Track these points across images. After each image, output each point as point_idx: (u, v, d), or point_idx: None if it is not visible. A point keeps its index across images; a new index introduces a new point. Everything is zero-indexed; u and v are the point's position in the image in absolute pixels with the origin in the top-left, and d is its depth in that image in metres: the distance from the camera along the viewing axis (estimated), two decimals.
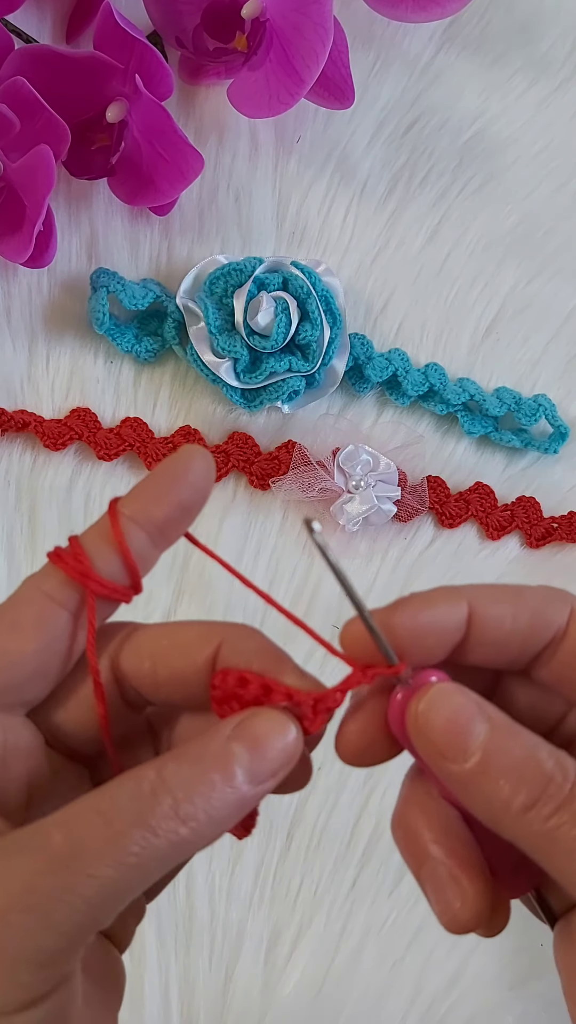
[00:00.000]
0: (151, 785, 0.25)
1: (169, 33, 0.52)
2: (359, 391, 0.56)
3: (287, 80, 0.49)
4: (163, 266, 0.55)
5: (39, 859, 0.24)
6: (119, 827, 0.25)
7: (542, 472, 0.58)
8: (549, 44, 0.59)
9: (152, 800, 0.25)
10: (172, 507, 0.28)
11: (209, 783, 0.25)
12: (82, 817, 0.25)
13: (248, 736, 0.26)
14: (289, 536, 0.55)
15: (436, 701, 0.27)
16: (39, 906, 0.24)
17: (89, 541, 0.28)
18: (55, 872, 0.24)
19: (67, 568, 0.28)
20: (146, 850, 0.25)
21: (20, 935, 0.24)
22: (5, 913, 0.24)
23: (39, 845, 0.25)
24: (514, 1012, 0.54)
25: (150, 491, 0.28)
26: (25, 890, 0.24)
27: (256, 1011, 0.52)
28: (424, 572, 0.56)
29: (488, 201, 0.58)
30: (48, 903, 0.24)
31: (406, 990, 0.54)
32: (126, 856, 0.24)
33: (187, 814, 0.25)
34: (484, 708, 0.27)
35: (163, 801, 0.25)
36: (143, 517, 0.28)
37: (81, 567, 0.28)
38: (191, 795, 0.25)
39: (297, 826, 0.54)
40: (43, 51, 0.48)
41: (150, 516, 0.28)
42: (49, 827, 0.25)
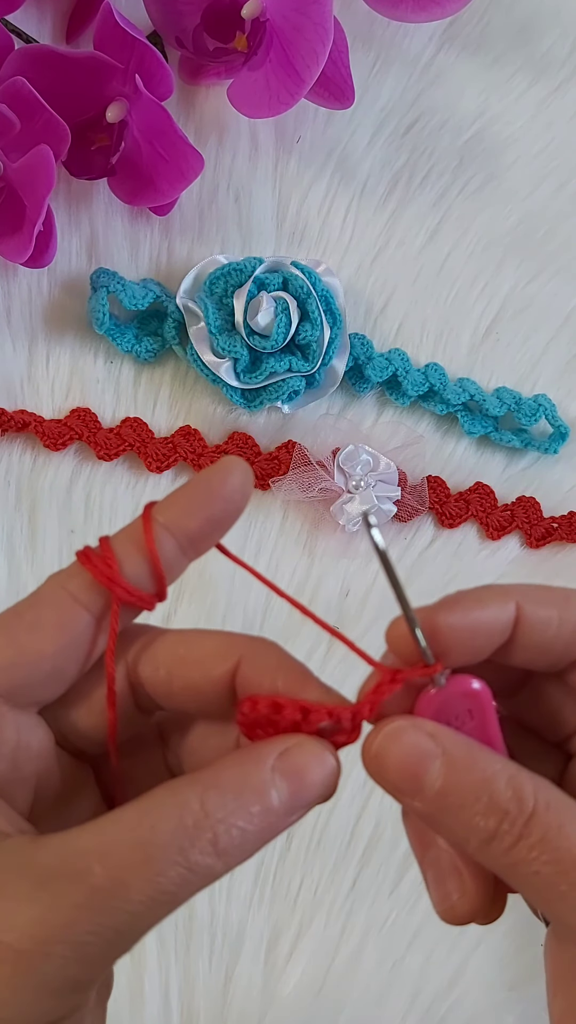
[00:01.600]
0: (194, 818, 0.25)
1: (169, 33, 0.52)
2: (359, 391, 0.56)
3: (287, 80, 0.49)
4: (163, 266, 0.55)
5: (80, 892, 0.24)
6: (158, 862, 0.24)
7: (542, 472, 0.58)
8: (549, 44, 0.59)
9: (194, 834, 0.25)
10: (206, 519, 0.28)
11: (248, 816, 0.25)
12: (123, 849, 0.25)
13: (291, 769, 0.26)
14: (289, 536, 0.55)
15: (388, 742, 0.27)
16: (76, 940, 0.24)
17: (119, 544, 0.28)
18: (94, 907, 0.24)
19: (95, 571, 0.28)
20: (181, 884, 0.25)
21: (56, 966, 0.24)
22: (46, 944, 0.24)
23: (80, 877, 0.24)
24: (514, 1012, 0.54)
25: (186, 500, 0.28)
26: (66, 923, 0.24)
27: (256, 1011, 0.52)
28: (424, 572, 0.56)
29: (488, 201, 0.58)
30: (85, 937, 0.24)
31: (406, 990, 0.54)
32: (162, 892, 0.24)
33: (224, 849, 0.25)
34: (440, 740, 0.27)
35: (204, 836, 0.25)
36: (176, 526, 0.28)
37: (109, 571, 0.27)
38: (231, 829, 0.25)
39: (297, 826, 0.53)
40: (43, 51, 0.48)
41: (183, 526, 0.28)
42: (90, 859, 0.24)
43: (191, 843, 0.25)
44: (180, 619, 0.53)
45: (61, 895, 0.24)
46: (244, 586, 0.54)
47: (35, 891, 0.24)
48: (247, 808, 0.25)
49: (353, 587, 0.55)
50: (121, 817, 0.25)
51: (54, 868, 0.24)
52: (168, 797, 0.25)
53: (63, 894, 0.24)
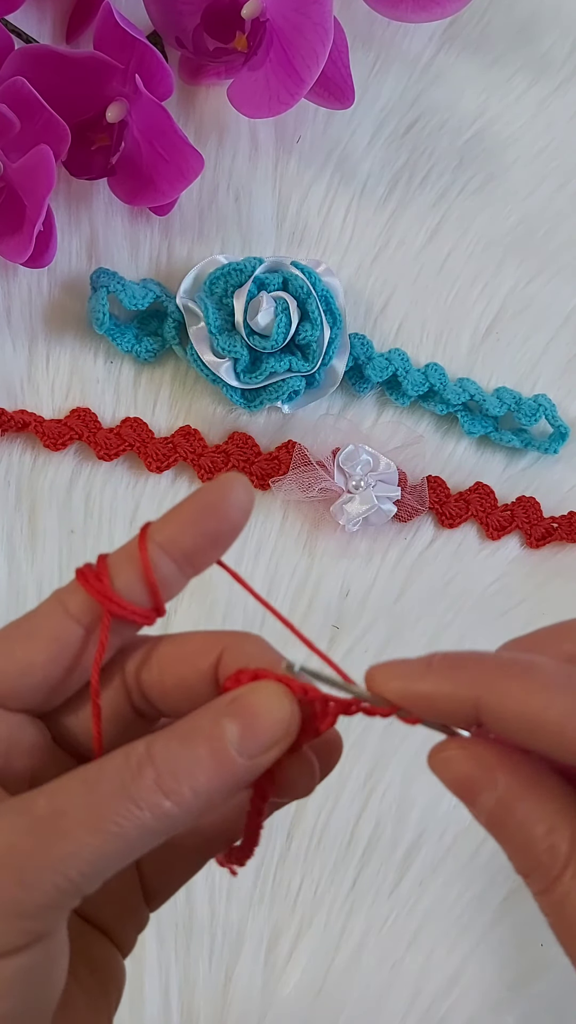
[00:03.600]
0: (138, 758, 0.26)
1: (169, 33, 0.52)
2: (359, 391, 0.56)
3: (287, 80, 0.49)
4: (163, 266, 0.55)
5: (21, 820, 0.25)
6: (101, 796, 0.25)
7: (542, 472, 0.58)
8: (549, 44, 0.59)
9: (136, 772, 0.26)
10: (202, 538, 0.28)
11: (195, 758, 0.26)
12: (67, 785, 0.26)
13: (242, 710, 0.26)
14: (289, 536, 0.55)
15: (439, 767, 0.27)
16: (16, 864, 0.25)
17: (116, 562, 0.29)
18: (34, 833, 0.25)
19: (88, 586, 0.28)
20: (128, 820, 0.25)
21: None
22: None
23: (23, 809, 0.26)
24: (514, 1012, 0.54)
25: (182, 519, 0.28)
26: (5, 848, 0.25)
27: (256, 1011, 0.52)
28: (424, 572, 0.56)
29: (488, 201, 0.58)
30: (25, 861, 0.25)
31: (406, 990, 0.54)
32: (107, 824, 0.25)
33: (170, 788, 0.25)
34: (492, 775, 0.26)
35: (146, 774, 0.25)
36: (172, 545, 0.28)
37: (101, 587, 0.28)
38: (175, 769, 0.26)
39: (297, 826, 0.54)
40: (43, 51, 0.48)
41: (179, 545, 0.28)
42: (36, 794, 0.26)
43: (132, 780, 0.25)
44: (180, 619, 0.53)
45: (6, 825, 0.26)
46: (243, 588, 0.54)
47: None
48: (194, 750, 0.26)
49: (353, 587, 0.55)
50: (76, 768, 0.27)
51: (6, 806, 0.26)
52: (121, 748, 0.27)
53: (4, 825, 0.26)
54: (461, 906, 0.54)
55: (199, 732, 0.26)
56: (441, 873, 0.54)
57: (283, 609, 0.55)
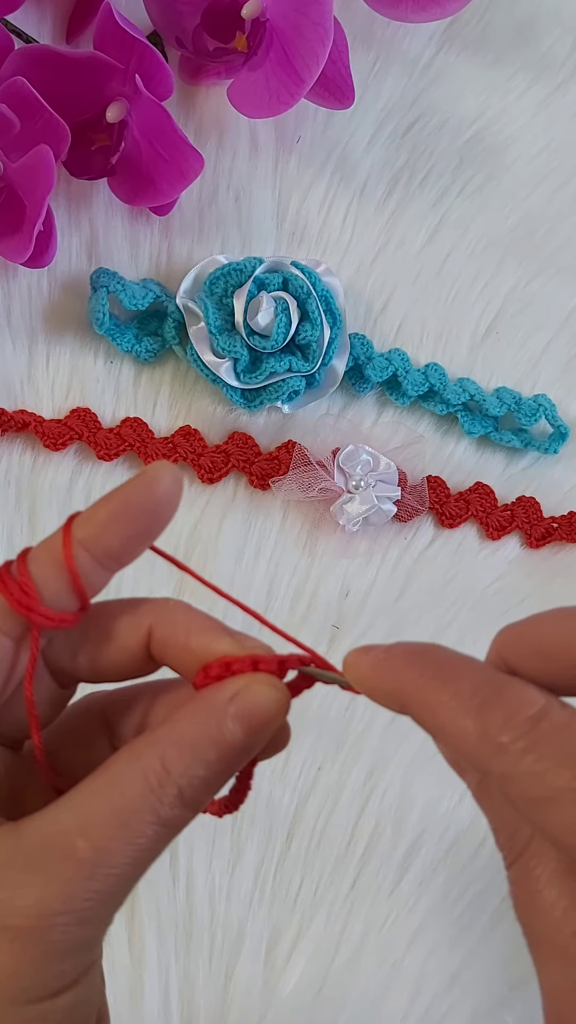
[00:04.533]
0: (158, 778, 0.26)
1: (169, 33, 0.52)
2: (359, 391, 0.56)
3: (287, 80, 0.49)
4: (163, 266, 0.55)
5: (69, 868, 0.26)
6: (137, 827, 0.26)
7: (542, 472, 0.58)
8: (549, 44, 0.59)
9: (161, 793, 0.26)
10: (127, 538, 0.28)
11: (207, 764, 0.27)
12: (100, 820, 0.26)
13: (244, 710, 0.27)
14: (289, 536, 0.55)
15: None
16: (74, 908, 0.26)
17: (38, 565, 0.28)
18: (85, 877, 0.26)
19: (11, 600, 0.27)
20: (157, 839, 0.27)
21: (62, 933, 0.26)
22: (49, 918, 0.26)
23: (66, 855, 0.26)
24: (514, 1012, 0.54)
25: (106, 516, 0.28)
26: (63, 897, 0.26)
27: (256, 1011, 0.52)
28: (424, 572, 0.56)
29: (488, 201, 0.58)
30: (81, 904, 0.26)
31: (406, 990, 0.54)
32: (142, 850, 0.26)
33: (190, 799, 0.27)
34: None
35: (170, 792, 0.26)
36: (95, 544, 0.28)
37: (27, 599, 0.27)
38: (192, 780, 0.27)
39: (297, 826, 0.54)
40: (43, 51, 0.48)
41: (103, 544, 0.28)
42: (72, 835, 0.26)
43: (160, 802, 0.26)
44: None
45: (53, 874, 0.26)
46: (243, 586, 0.54)
47: (28, 876, 0.26)
48: (204, 755, 0.27)
49: (353, 587, 0.55)
50: (92, 788, 0.27)
51: (40, 850, 0.26)
52: (131, 762, 0.27)
53: (54, 873, 0.26)
54: (461, 906, 0.54)
55: (207, 737, 0.27)
56: (441, 873, 0.54)
57: (283, 609, 0.55)
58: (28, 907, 0.25)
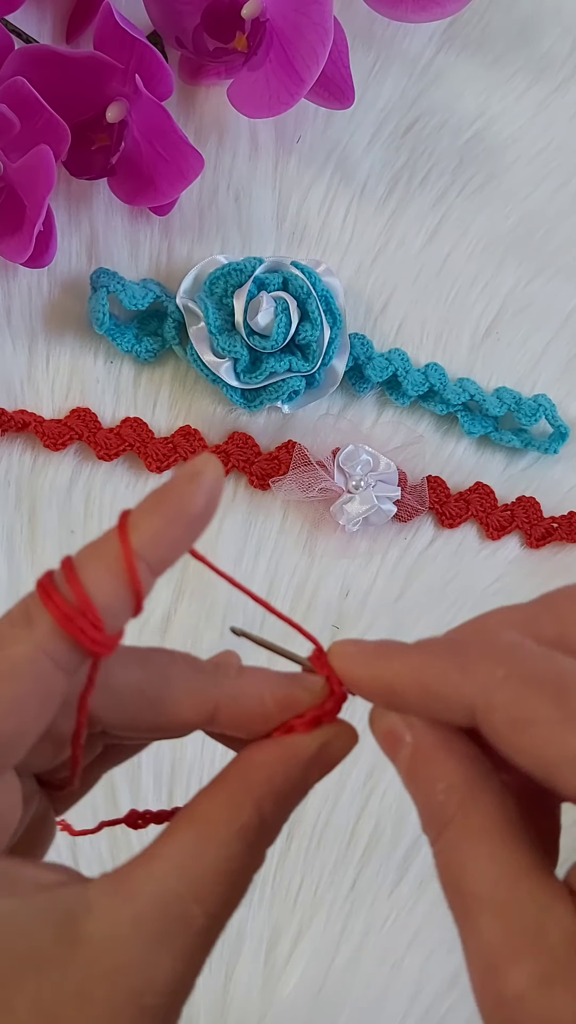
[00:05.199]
0: (256, 834, 0.27)
1: (169, 33, 0.52)
2: (359, 391, 0.56)
3: (287, 80, 0.49)
4: (163, 266, 0.55)
5: (190, 939, 0.25)
6: (243, 888, 0.27)
7: (542, 472, 0.58)
8: (549, 44, 0.59)
9: (259, 849, 0.27)
10: (179, 545, 0.26)
11: (291, 811, 0.28)
12: (211, 887, 0.26)
13: (330, 760, 0.30)
14: (289, 536, 0.55)
15: (373, 721, 0.30)
16: (195, 974, 0.26)
17: (92, 576, 0.25)
18: (203, 948, 0.26)
19: (82, 637, 0.24)
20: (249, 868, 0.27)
21: (181, 1001, 0.26)
22: (182, 995, 0.26)
23: (188, 926, 0.25)
24: None
25: (163, 524, 0.25)
26: (192, 972, 0.26)
27: (256, 1011, 0.52)
28: (424, 572, 0.56)
29: (488, 201, 0.58)
30: (199, 968, 0.26)
31: (406, 990, 0.54)
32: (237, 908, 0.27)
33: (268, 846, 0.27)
34: (413, 729, 0.28)
35: (266, 847, 0.27)
36: (151, 554, 0.25)
37: (94, 633, 0.24)
38: (278, 813, 0.27)
39: (297, 826, 0.54)
40: (43, 51, 0.48)
41: (158, 554, 0.25)
42: (188, 904, 0.25)
43: (260, 860, 0.27)
44: (180, 618, 0.53)
45: (178, 948, 0.25)
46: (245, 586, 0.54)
47: (155, 949, 0.24)
48: (293, 805, 0.28)
49: (353, 587, 0.55)
50: (192, 844, 0.26)
51: (161, 919, 0.25)
52: (231, 813, 0.26)
53: (179, 946, 0.25)
54: None
55: (297, 788, 0.28)
56: None
57: (283, 609, 0.54)
58: (165, 985, 0.24)
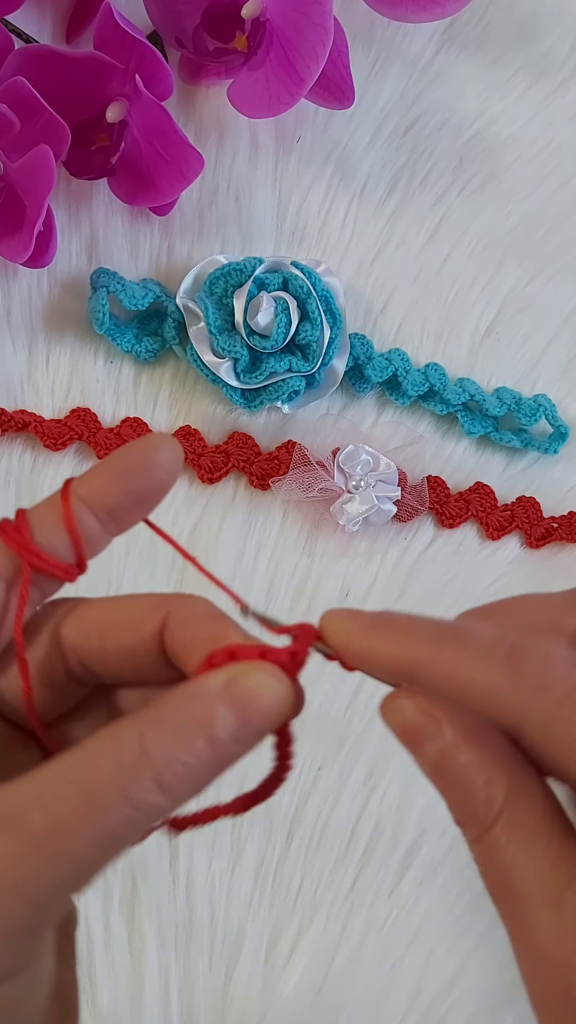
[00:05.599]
0: (133, 756, 0.24)
1: (169, 33, 0.52)
2: (359, 391, 0.56)
3: (287, 80, 0.49)
4: (163, 266, 0.55)
5: (20, 842, 0.23)
6: (99, 804, 0.24)
7: (542, 472, 0.58)
8: (549, 44, 0.59)
9: (133, 773, 0.24)
10: (127, 495, 0.28)
11: (192, 750, 0.24)
12: (61, 794, 0.24)
13: (237, 696, 0.25)
14: (289, 536, 0.55)
15: (394, 712, 0.28)
16: (21, 888, 0.23)
17: (36, 515, 0.28)
18: (37, 855, 0.23)
19: (7, 539, 0.27)
20: (127, 823, 0.24)
21: (3, 914, 0.23)
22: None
23: (18, 824, 0.24)
24: (514, 1012, 0.54)
25: (107, 475, 0.28)
26: (10, 875, 0.23)
27: (256, 1011, 0.52)
28: (424, 572, 0.56)
29: (488, 201, 0.58)
30: (30, 885, 0.23)
31: (406, 990, 0.54)
32: (107, 833, 0.24)
33: (169, 786, 0.24)
34: (440, 724, 0.27)
35: (145, 774, 0.24)
36: (96, 501, 0.28)
37: (21, 539, 0.27)
38: (174, 765, 0.24)
39: (297, 826, 0.54)
40: (43, 51, 0.48)
41: (103, 501, 0.28)
42: (29, 807, 0.24)
43: (132, 782, 0.24)
44: None
45: (3, 850, 0.23)
46: (243, 586, 0.54)
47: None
48: (190, 742, 0.24)
49: (353, 587, 0.55)
50: (60, 762, 0.25)
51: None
52: (107, 739, 0.25)
53: (5, 849, 0.23)
54: (461, 906, 0.54)
55: (194, 722, 0.25)
56: (441, 873, 0.54)
57: (283, 609, 0.54)
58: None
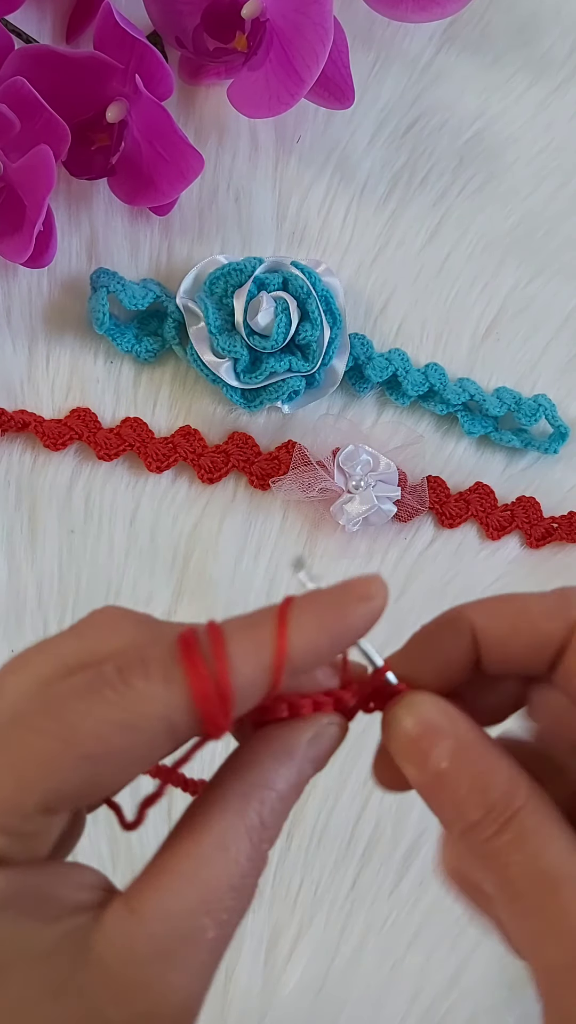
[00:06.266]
0: (259, 836, 0.26)
1: (169, 33, 0.52)
2: (359, 391, 0.56)
3: (287, 80, 0.49)
4: (163, 266, 0.55)
5: (203, 954, 0.25)
6: (249, 892, 0.26)
7: (542, 472, 0.58)
8: (549, 44, 0.59)
9: (262, 851, 0.26)
10: (327, 658, 0.27)
11: (289, 809, 0.27)
12: (220, 895, 0.25)
13: (321, 755, 0.28)
14: (289, 536, 0.55)
15: (403, 711, 0.28)
16: (206, 990, 0.25)
17: (238, 656, 0.25)
18: (216, 959, 0.25)
19: (207, 713, 0.24)
20: None
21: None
22: (195, 1010, 0.25)
23: (199, 941, 0.25)
24: (514, 1012, 0.54)
25: (319, 632, 0.26)
26: (205, 986, 0.25)
27: (256, 1011, 0.52)
28: (424, 572, 0.56)
29: (488, 201, 0.58)
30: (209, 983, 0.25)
31: (406, 990, 0.54)
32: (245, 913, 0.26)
33: (271, 829, 0.26)
34: (455, 723, 0.27)
35: (267, 847, 0.26)
36: (298, 657, 0.25)
37: (221, 720, 0.24)
38: (280, 831, 0.27)
39: (297, 826, 0.54)
40: (43, 51, 0.48)
41: (303, 660, 0.25)
42: (199, 917, 0.25)
43: (263, 861, 0.26)
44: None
45: (191, 964, 0.24)
46: (244, 586, 0.54)
47: (167, 969, 0.24)
48: (290, 804, 0.27)
49: None
50: (202, 853, 0.25)
51: (171, 937, 0.24)
52: (236, 819, 0.26)
53: (192, 962, 0.24)
54: (461, 906, 0.54)
55: (293, 786, 0.27)
56: None
57: None
58: (178, 1002, 0.24)
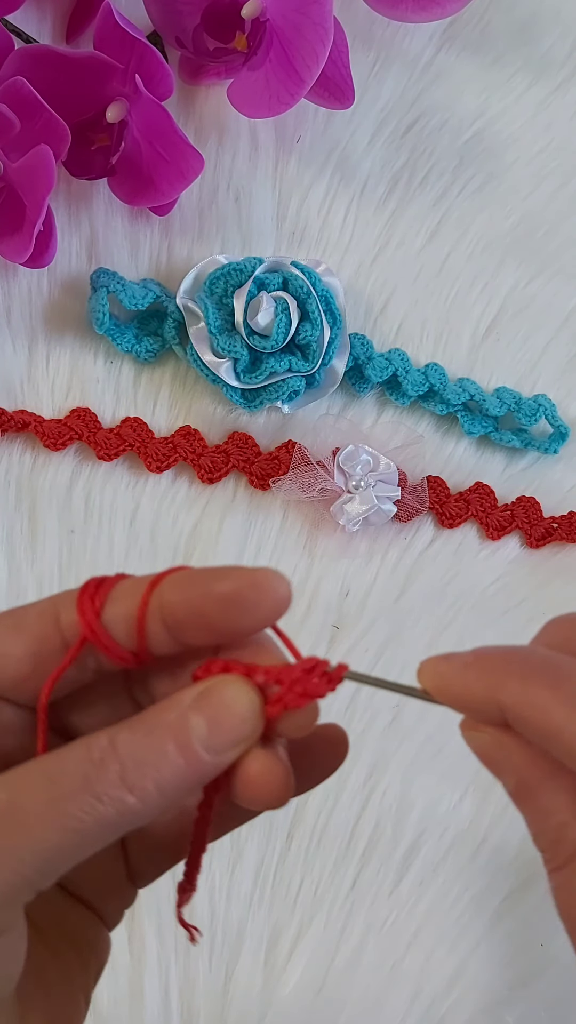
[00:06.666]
0: (101, 752, 0.25)
1: (169, 33, 0.52)
2: (359, 391, 0.56)
3: (287, 80, 0.49)
4: (163, 266, 0.55)
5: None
6: (63, 790, 0.24)
7: (542, 472, 0.58)
8: (549, 44, 0.59)
9: (99, 766, 0.25)
10: (204, 632, 0.27)
11: (161, 753, 0.25)
12: (27, 777, 0.25)
13: (208, 705, 0.26)
14: (289, 536, 0.55)
15: (471, 739, 0.28)
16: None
17: (118, 594, 0.27)
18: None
19: (80, 607, 0.27)
20: (89, 815, 0.24)
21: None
22: None
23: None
24: (514, 1012, 0.54)
25: (202, 598, 0.26)
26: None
27: (256, 1011, 0.52)
28: (424, 572, 0.56)
29: (488, 201, 0.58)
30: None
31: (406, 990, 0.54)
32: (67, 820, 0.24)
33: (134, 783, 0.25)
34: (512, 760, 0.27)
35: (110, 768, 0.25)
36: (170, 617, 0.27)
37: (91, 615, 0.27)
38: (140, 764, 0.25)
39: (297, 826, 0.54)
40: (43, 51, 0.48)
41: (176, 618, 0.27)
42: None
43: (96, 774, 0.25)
44: None
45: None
46: None
47: None
48: (160, 745, 0.25)
49: (353, 587, 0.55)
50: (37, 758, 0.26)
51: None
52: (81, 739, 0.26)
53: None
54: (461, 906, 0.54)
55: (165, 726, 0.26)
56: (441, 873, 0.54)
57: None
58: None
